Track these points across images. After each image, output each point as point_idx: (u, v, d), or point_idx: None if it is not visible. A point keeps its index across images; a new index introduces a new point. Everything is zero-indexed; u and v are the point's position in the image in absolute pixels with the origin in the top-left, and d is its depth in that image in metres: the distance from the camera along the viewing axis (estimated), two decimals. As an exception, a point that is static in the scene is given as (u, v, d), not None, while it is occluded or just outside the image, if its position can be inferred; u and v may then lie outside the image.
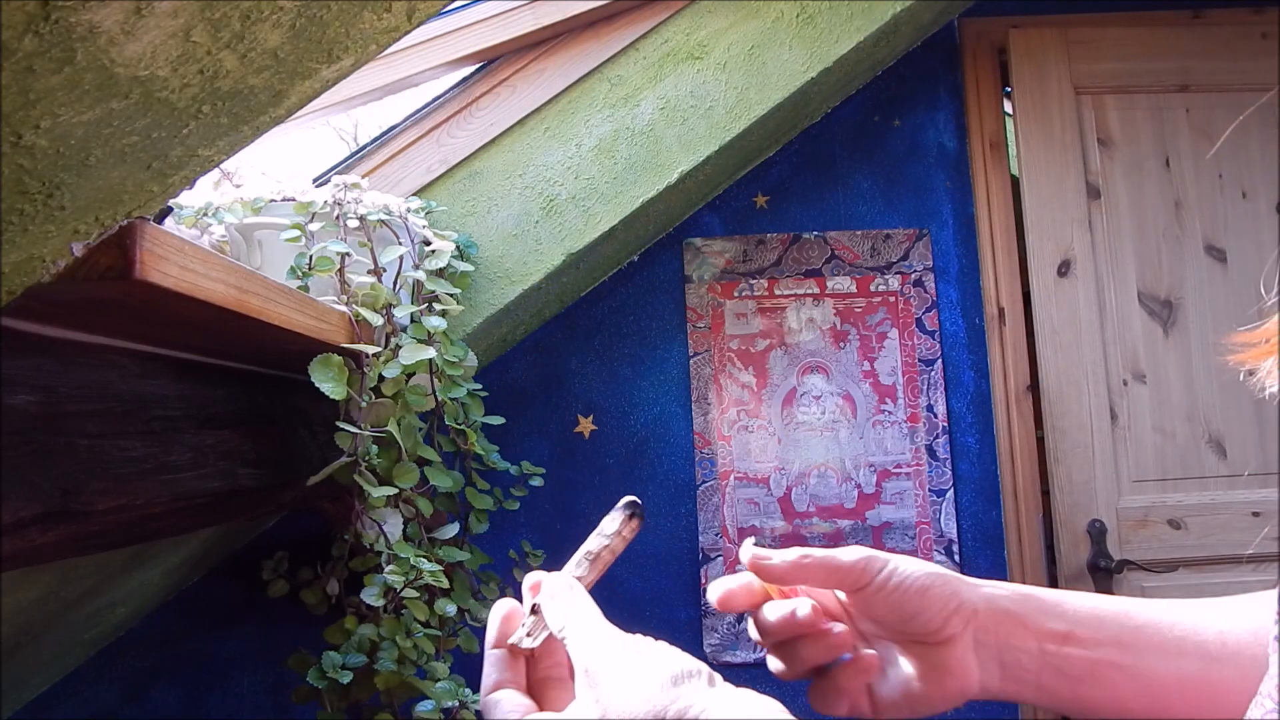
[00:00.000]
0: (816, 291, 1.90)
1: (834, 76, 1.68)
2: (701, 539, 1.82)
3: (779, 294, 1.90)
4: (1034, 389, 1.88)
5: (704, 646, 1.79)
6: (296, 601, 1.36)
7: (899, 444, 1.87)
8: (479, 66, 1.60)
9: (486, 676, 0.47)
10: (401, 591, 1.11)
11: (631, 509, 0.51)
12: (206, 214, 1.20)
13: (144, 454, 0.87)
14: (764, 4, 1.59)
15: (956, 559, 1.83)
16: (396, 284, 1.26)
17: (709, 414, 1.86)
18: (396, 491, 1.14)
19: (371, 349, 1.11)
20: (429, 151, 1.56)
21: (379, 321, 1.15)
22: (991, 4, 1.98)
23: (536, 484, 1.55)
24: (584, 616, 0.45)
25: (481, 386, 1.43)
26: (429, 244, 1.35)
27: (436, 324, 1.24)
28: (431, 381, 1.27)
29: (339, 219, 1.20)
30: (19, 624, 1.19)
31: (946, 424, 1.87)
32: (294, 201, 1.20)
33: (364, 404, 1.10)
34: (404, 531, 1.18)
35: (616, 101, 1.58)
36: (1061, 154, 1.90)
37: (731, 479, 1.85)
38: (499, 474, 1.46)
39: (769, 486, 1.85)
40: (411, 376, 1.21)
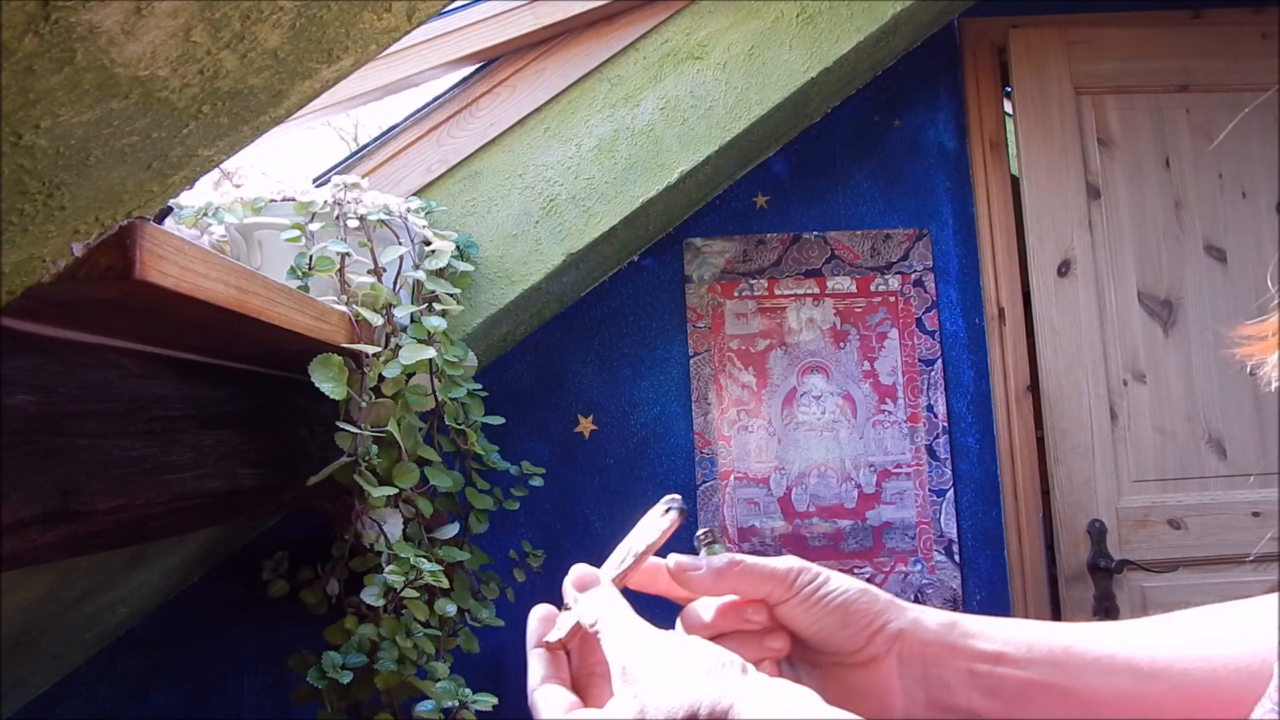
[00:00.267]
0: (816, 291, 1.90)
1: (834, 76, 1.68)
2: (701, 539, 1.82)
3: (779, 294, 1.90)
4: (1034, 389, 1.88)
5: (704, 646, 1.79)
6: (296, 601, 1.37)
7: (899, 444, 1.87)
8: (479, 66, 1.60)
9: (532, 673, 0.48)
10: (401, 591, 1.11)
11: (670, 504, 0.52)
12: (206, 214, 1.20)
13: (144, 454, 0.87)
14: (764, 4, 1.59)
15: (956, 559, 1.83)
16: (396, 284, 1.26)
17: (709, 414, 1.86)
18: (396, 491, 1.14)
19: (371, 349, 1.11)
20: (429, 151, 1.56)
21: (379, 321, 1.15)
22: (991, 4, 1.98)
23: (536, 484, 1.55)
24: (618, 614, 0.46)
25: (481, 386, 1.43)
26: (429, 244, 1.35)
27: (436, 324, 1.24)
28: (431, 381, 1.27)
29: (339, 219, 1.20)
30: (19, 624, 1.19)
31: (946, 424, 1.87)
32: (294, 201, 1.20)
33: (364, 404, 1.10)
34: (404, 531, 1.18)
35: (616, 101, 1.58)
36: (1061, 154, 1.90)
37: (731, 479, 1.85)
38: (499, 474, 1.46)
39: (769, 486, 1.85)
40: (411, 376, 1.21)
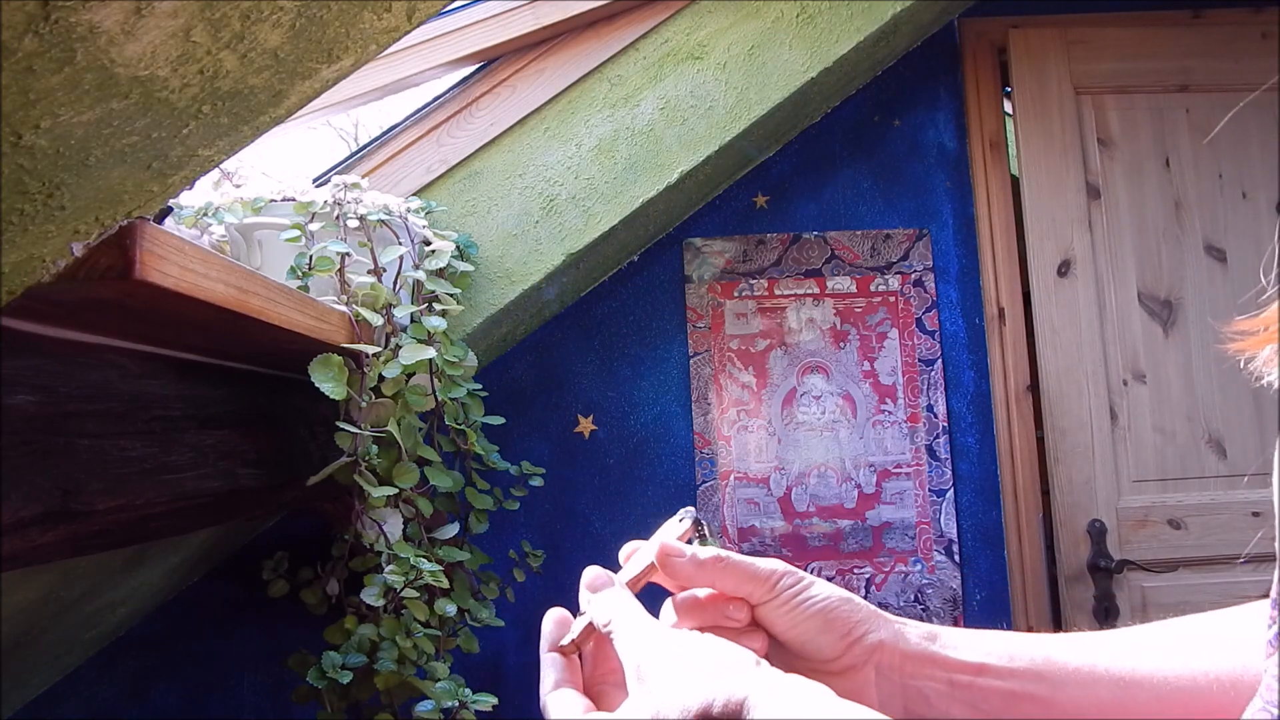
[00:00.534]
0: (816, 291, 1.90)
1: (834, 76, 1.68)
2: (701, 539, 1.82)
3: (779, 294, 1.90)
4: (1034, 389, 1.88)
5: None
6: (296, 601, 1.37)
7: (899, 444, 1.87)
8: (479, 66, 1.60)
9: (545, 678, 0.48)
10: (401, 591, 1.11)
11: (685, 515, 0.52)
12: (206, 214, 1.20)
13: (144, 454, 0.87)
14: (764, 4, 1.59)
15: (956, 559, 1.83)
16: (396, 284, 1.26)
17: (709, 414, 1.86)
18: (396, 491, 1.14)
19: (371, 349, 1.11)
20: (429, 151, 1.56)
21: (379, 321, 1.15)
22: (991, 4, 1.98)
23: (536, 484, 1.55)
24: (632, 614, 0.46)
25: (481, 386, 1.43)
26: (429, 244, 1.35)
27: (436, 324, 1.24)
28: (431, 381, 1.27)
29: (339, 219, 1.20)
30: (19, 624, 1.20)
31: (946, 424, 1.87)
32: (294, 201, 1.20)
33: (364, 404, 1.10)
34: (404, 531, 1.18)
35: (616, 101, 1.58)
36: (1061, 154, 1.90)
37: (731, 479, 1.85)
38: (499, 474, 1.46)
39: (769, 486, 1.85)
40: (411, 376, 1.21)
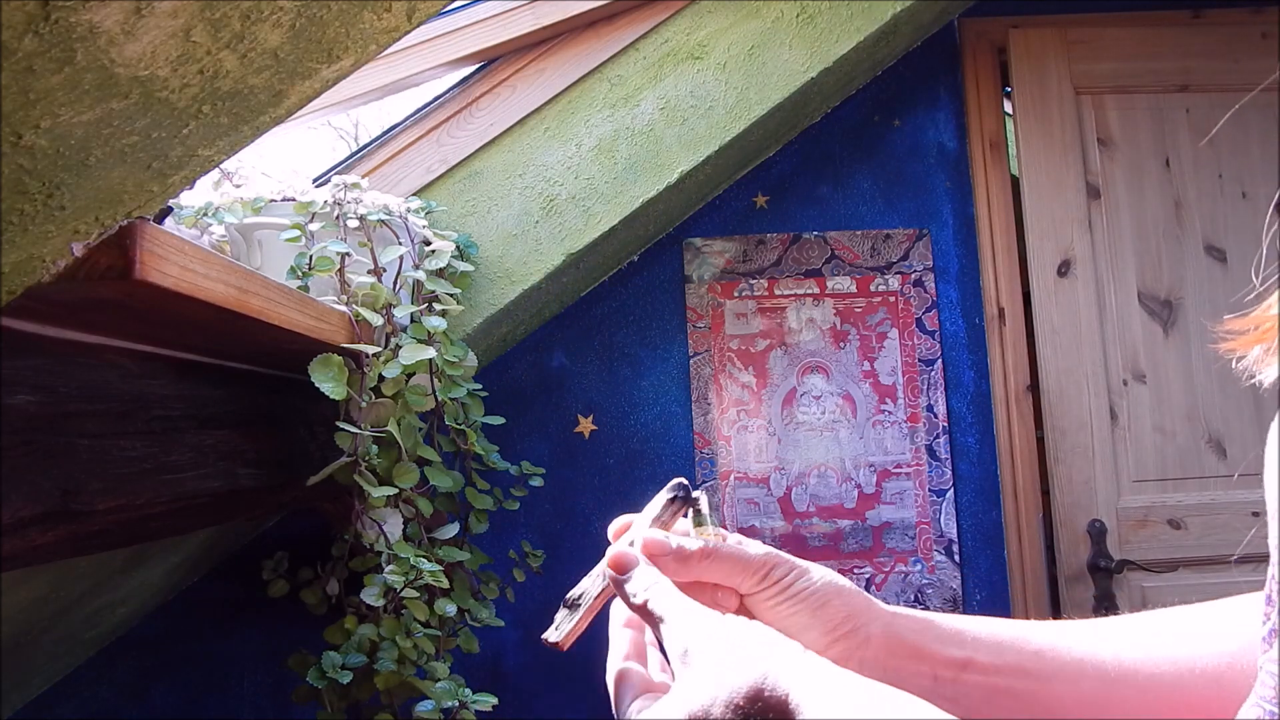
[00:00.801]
0: (816, 291, 1.90)
1: (834, 76, 1.68)
2: (701, 539, 1.82)
3: (779, 294, 1.90)
4: (1034, 389, 1.88)
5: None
6: (296, 601, 1.37)
7: (899, 444, 1.87)
8: (479, 66, 1.60)
9: (613, 648, 0.48)
10: (401, 591, 1.11)
11: (674, 491, 0.50)
12: (206, 214, 1.20)
13: (144, 454, 0.87)
14: (764, 4, 1.59)
15: (956, 559, 1.83)
16: (396, 284, 1.26)
17: (709, 414, 1.86)
18: (396, 491, 1.14)
19: (371, 349, 1.11)
20: (429, 151, 1.56)
21: (379, 321, 1.15)
22: (991, 4, 1.98)
23: (536, 484, 1.55)
24: (675, 597, 0.45)
25: (481, 386, 1.43)
26: (429, 244, 1.35)
27: (436, 324, 1.24)
28: (431, 381, 1.27)
29: (339, 219, 1.20)
30: (19, 624, 1.20)
31: (946, 424, 1.87)
32: (294, 201, 1.20)
33: (364, 404, 1.10)
34: (404, 531, 1.18)
35: (616, 101, 1.58)
36: (1061, 154, 1.90)
37: (731, 479, 1.85)
38: (499, 474, 1.46)
39: (769, 486, 1.85)
40: (411, 376, 1.21)
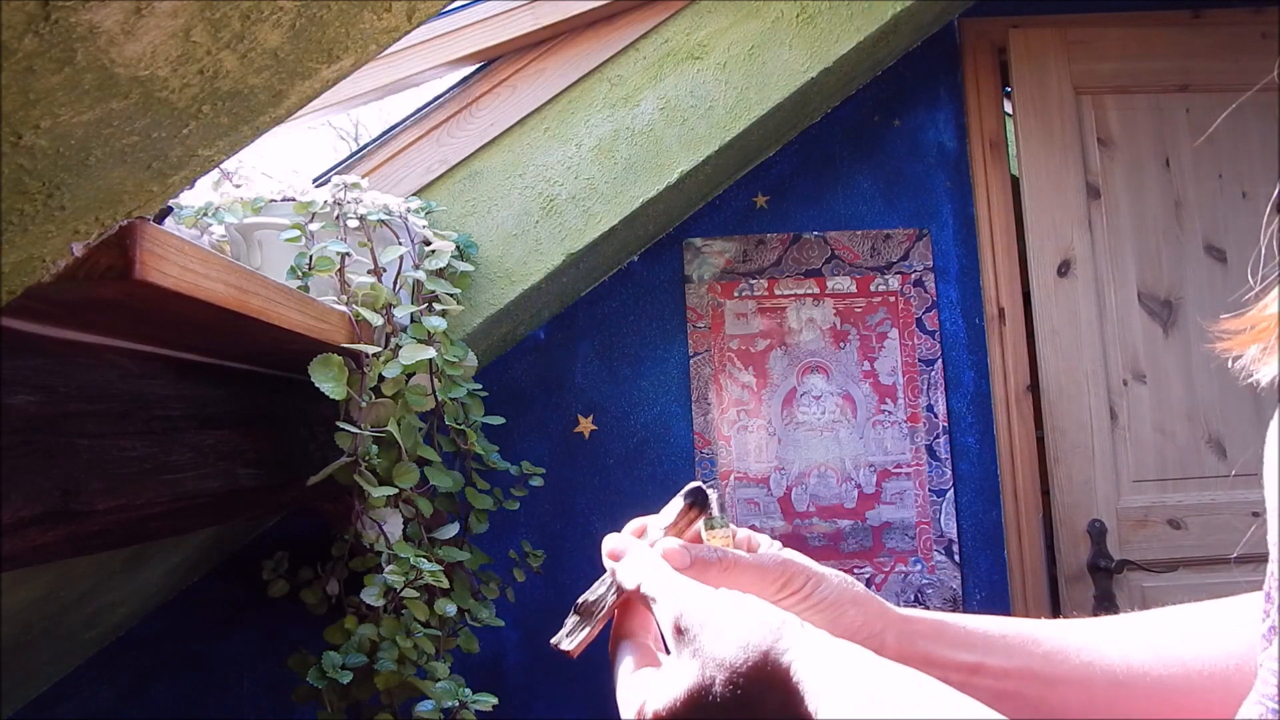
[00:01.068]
0: (816, 291, 1.90)
1: (834, 76, 1.68)
2: (701, 539, 1.82)
3: (779, 294, 1.90)
4: (1034, 389, 1.88)
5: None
6: (296, 601, 1.37)
7: (899, 444, 1.87)
8: (479, 66, 1.60)
9: (615, 631, 0.48)
10: (401, 591, 1.11)
11: (690, 497, 0.50)
12: (206, 214, 1.20)
13: (144, 454, 0.87)
14: (764, 4, 1.59)
15: (956, 559, 1.83)
16: (396, 284, 1.26)
17: (709, 414, 1.86)
18: (396, 491, 1.14)
19: (371, 349, 1.11)
20: (429, 151, 1.56)
21: (379, 321, 1.15)
22: (991, 4, 1.98)
23: (536, 484, 1.55)
24: (666, 576, 0.45)
25: (481, 386, 1.43)
26: (429, 244, 1.35)
27: (436, 324, 1.24)
28: (431, 381, 1.27)
29: (339, 219, 1.20)
30: (19, 624, 1.20)
31: (946, 424, 1.87)
32: (294, 201, 1.20)
33: (364, 404, 1.10)
34: (404, 531, 1.18)
35: (616, 101, 1.58)
36: (1061, 154, 1.90)
37: (731, 479, 1.85)
38: (499, 474, 1.46)
39: (769, 486, 1.85)
40: (411, 376, 1.21)
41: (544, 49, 1.59)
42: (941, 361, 1.89)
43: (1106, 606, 1.76)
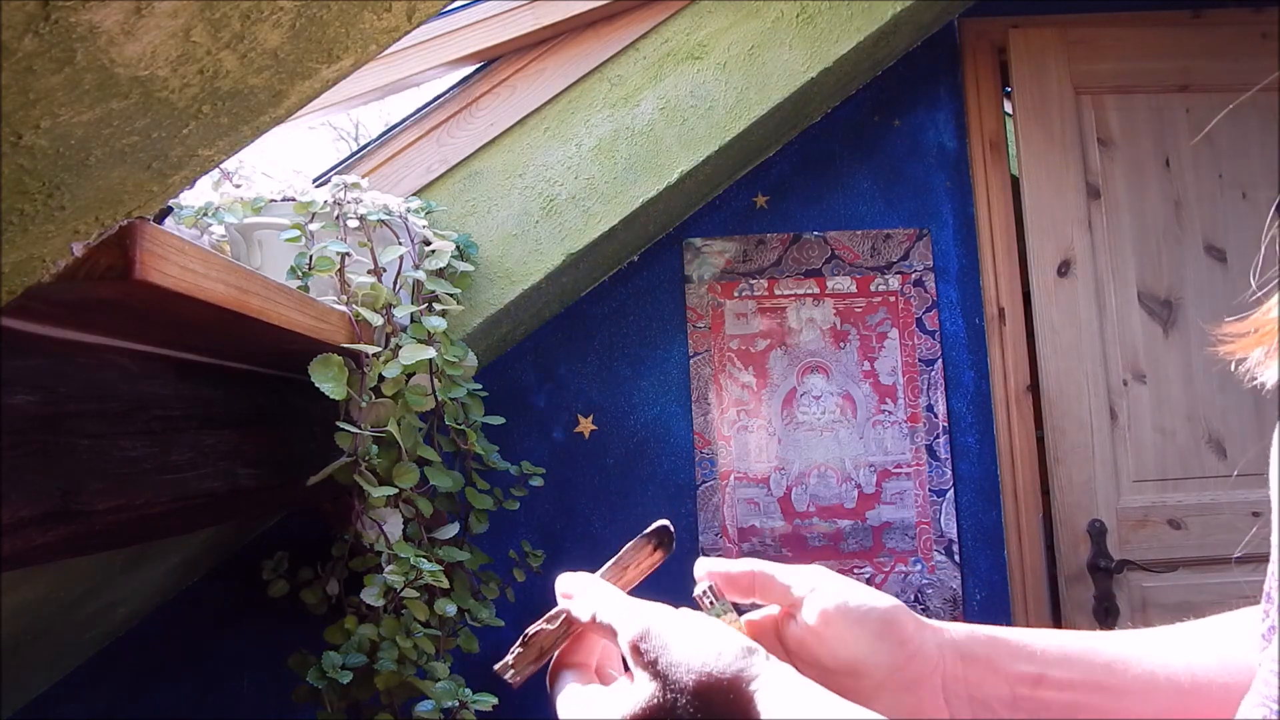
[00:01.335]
0: (816, 291, 1.90)
1: (834, 76, 1.68)
2: (701, 539, 1.82)
3: (779, 294, 1.90)
4: (1034, 389, 1.88)
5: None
6: (296, 601, 1.37)
7: (899, 444, 1.87)
8: (479, 66, 1.60)
9: (556, 661, 0.47)
10: (401, 591, 1.11)
11: (654, 539, 0.49)
12: (206, 214, 1.20)
13: (144, 454, 0.87)
14: (764, 4, 1.59)
15: (956, 559, 1.83)
16: (396, 284, 1.26)
17: (709, 414, 1.86)
18: (396, 491, 1.14)
19: (371, 349, 1.11)
20: (429, 151, 1.56)
21: (379, 321, 1.15)
22: (991, 4, 1.98)
23: (536, 484, 1.55)
24: (621, 602, 0.44)
25: (481, 386, 1.43)
26: (429, 244, 1.35)
27: (436, 324, 1.24)
28: (431, 381, 1.27)
29: (339, 219, 1.20)
30: (19, 624, 1.19)
31: (946, 424, 1.87)
32: (294, 201, 1.20)
33: (364, 404, 1.10)
34: (404, 531, 1.18)
35: (616, 101, 1.58)
36: (1061, 154, 1.90)
37: (731, 479, 1.85)
38: (499, 474, 1.46)
39: (769, 486, 1.85)
40: (411, 376, 1.21)
41: (544, 49, 1.59)
42: (941, 361, 1.89)
43: (1106, 607, 1.76)
